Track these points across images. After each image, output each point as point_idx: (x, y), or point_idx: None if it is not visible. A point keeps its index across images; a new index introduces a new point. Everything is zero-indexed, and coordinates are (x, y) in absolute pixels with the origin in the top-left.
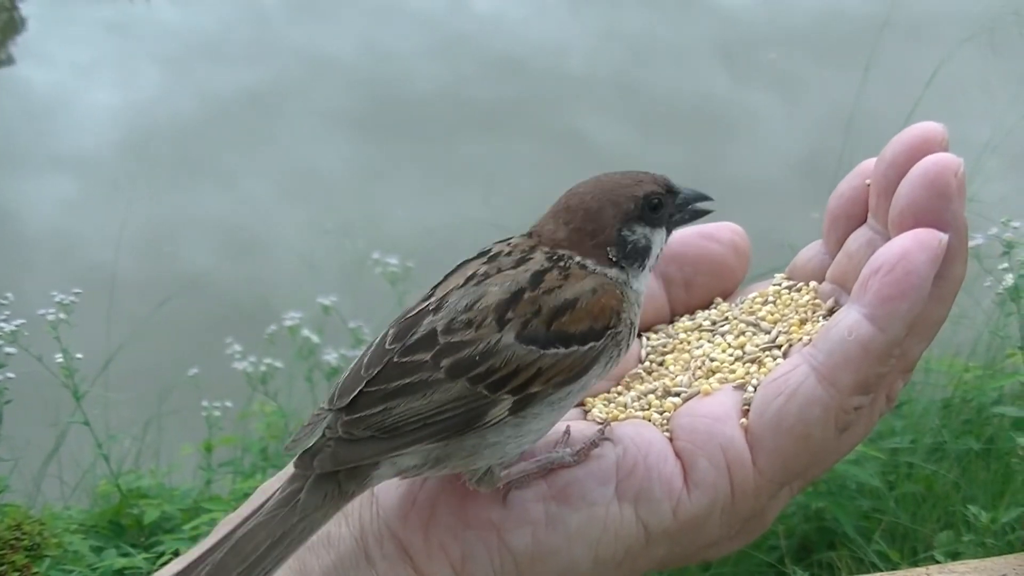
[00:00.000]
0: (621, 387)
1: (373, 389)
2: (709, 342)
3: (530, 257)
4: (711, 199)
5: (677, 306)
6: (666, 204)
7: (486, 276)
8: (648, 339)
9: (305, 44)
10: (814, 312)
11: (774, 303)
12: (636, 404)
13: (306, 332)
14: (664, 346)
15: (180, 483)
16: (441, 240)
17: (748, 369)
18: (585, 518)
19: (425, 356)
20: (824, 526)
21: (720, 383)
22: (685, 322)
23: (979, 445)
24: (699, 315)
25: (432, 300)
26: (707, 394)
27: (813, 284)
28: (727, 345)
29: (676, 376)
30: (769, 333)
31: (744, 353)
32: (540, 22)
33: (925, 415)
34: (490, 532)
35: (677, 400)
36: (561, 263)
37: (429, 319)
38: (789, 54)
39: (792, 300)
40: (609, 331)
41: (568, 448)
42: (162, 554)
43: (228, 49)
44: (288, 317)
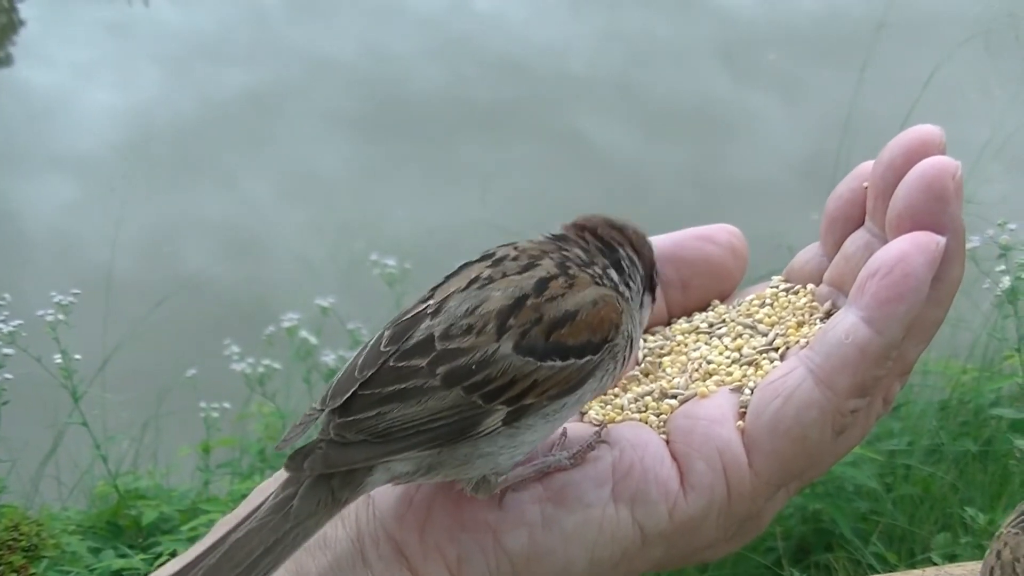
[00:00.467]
0: (618, 389)
1: (367, 392)
2: (706, 344)
3: (538, 263)
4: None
5: (674, 308)
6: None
7: (490, 280)
8: (645, 341)
9: (305, 44)
10: (811, 315)
11: (771, 305)
12: (633, 406)
13: (304, 333)
14: (661, 348)
15: (178, 484)
16: (441, 241)
17: (745, 371)
18: (581, 520)
19: (421, 362)
20: (821, 528)
21: (717, 385)
22: (682, 324)
23: (977, 447)
24: (696, 317)
25: (431, 303)
26: (704, 396)
27: (810, 287)
28: (724, 347)
29: (673, 378)
30: (766, 336)
31: (741, 355)
32: (540, 23)
33: (923, 417)
34: (486, 534)
35: (674, 402)
36: (570, 271)
37: (427, 323)
38: (789, 55)
39: (789, 303)
40: (607, 344)
41: (565, 451)
42: (160, 555)
43: (228, 49)
44: (286, 318)
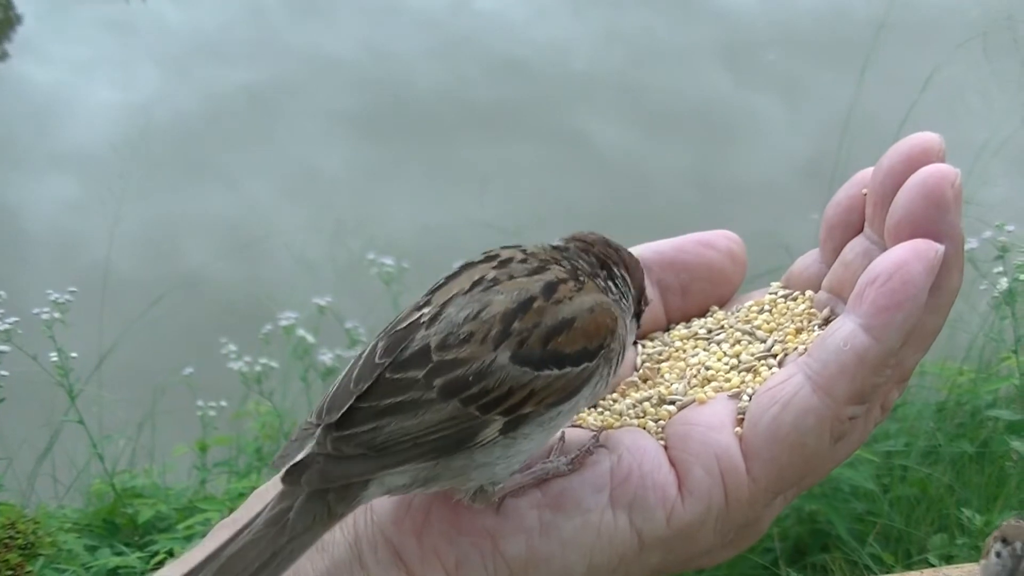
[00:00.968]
0: (616, 395)
1: (364, 405)
2: (705, 350)
3: (548, 267)
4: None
5: (673, 314)
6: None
7: (495, 282)
8: (644, 347)
9: (305, 44)
10: (810, 321)
11: (770, 312)
12: (631, 412)
13: (301, 332)
14: (660, 354)
15: (174, 483)
16: (439, 240)
17: (743, 378)
18: (579, 525)
19: (418, 374)
20: (818, 529)
21: (715, 392)
22: (681, 330)
23: (973, 448)
24: (695, 323)
25: (428, 309)
26: (702, 402)
27: (809, 293)
28: (723, 354)
29: (671, 384)
30: (765, 342)
31: (740, 362)
32: (541, 23)
33: (919, 418)
34: (484, 539)
35: (672, 408)
36: (581, 278)
37: (422, 333)
38: (790, 56)
39: (788, 309)
40: (603, 350)
41: (563, 456)
42: (156, 553)
43: (227, 48)
44: (283, 317)
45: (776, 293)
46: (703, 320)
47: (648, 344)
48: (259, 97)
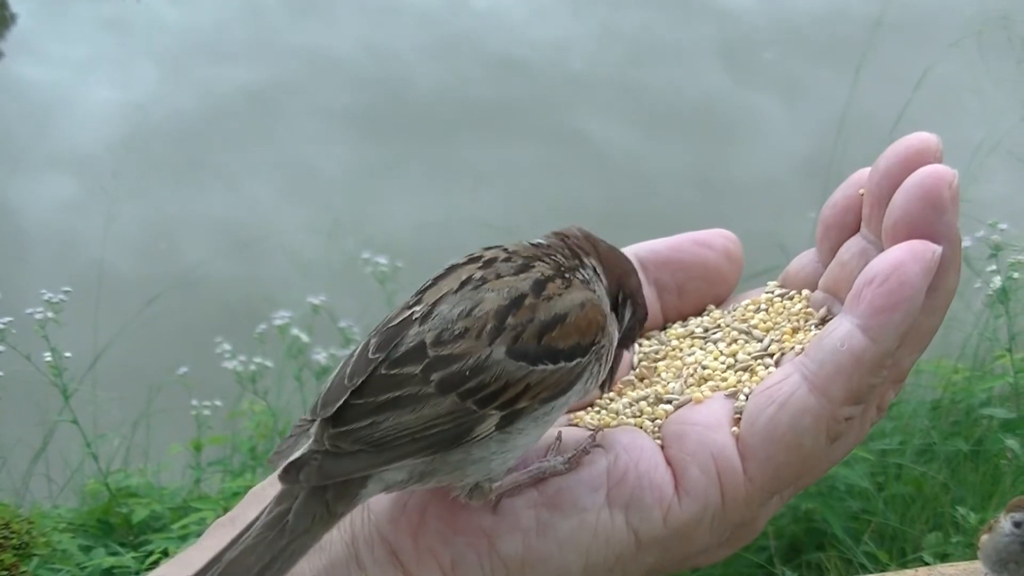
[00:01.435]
0: (613, 393)
1: (360, 401)
2: (701, 349)
3: (533, 265)
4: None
5: (669, 313)
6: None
7: (483, 281)
8: (640, 346)
9: (304, 43)
10: (806, 321)
11: (766, 311)
12: (628, 411)
13: (296, 331)
14: (656, 353)
15: (169, 482)
16: (438, 239)
17: (740, 377)
18: (576, 525)
19: (415, 369)
20: (813, 527)
21: (712, 391)
22: (677, 329)
23: (968, 447)
24: (691, 322)
25: (419, 308)
26: (699, 402)
27: (805, 292)
28: (719, 353)
29: (668, 383)
30: (761, 341)
31: (736, 361)
32: (540, 22)
33: (915, 417)
34: (480, 538)
35: (669, 407)
36: (566, 275)
37: (416, 329)
38: (788, 55)
39: (784, 308)
40: (594, 346)
41: (560, 456)
42: (151, 553)
43: (224, 47)
44: (278, 316)
45: (773, 292)
46: (699, 319)
47: (645, 343)
48: (257, 96)
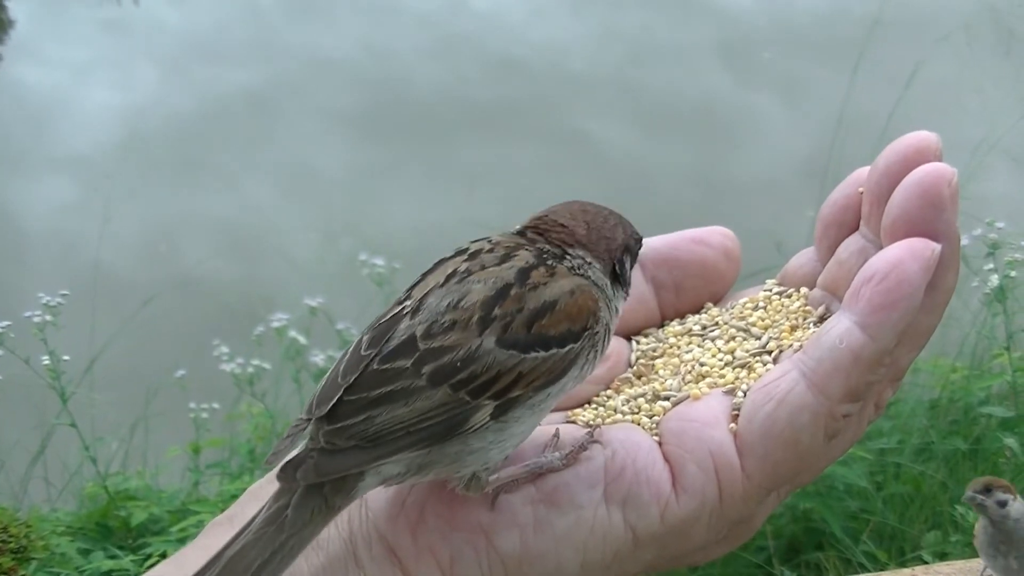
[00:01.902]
0: (611, 391)
1: (353, 397)
2: (699, 347)
3: (515, 254)
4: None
5: (667, 310)
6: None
7: (468, 273)
8: (638, 343)
9: (302, 43)
10: (805, 319)
11: (764, 309)
12: (625, 408)
13: (293, 333)
14: (654, 350)
15: (167, 485)
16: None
17: (738, 374)
18: (573, 521)
19: (406, 363)
20: (812, 527)
21: (710, 388)
22: (675, 327)
23: (966, 445)
24: (689, 320)
25: (408, 303)
26: (697, 399)
27: (804, 290)
28: (717, 350)
29: (666, 380)
30: (759, 339)
31: (734, 358)
32: (540, 22)
33: (913, 416)
34: (478, 535)
35: (667, 404)
36: (549, 262)
37: (406, 323)
38: (788, 54)
39: (783, 306)
40: (587, 332)
41: (557, 452)
42: (150, 556)
43: (224, 49)
44: (275, 318)
45: (771, 290)
46: (697, 317)
47: (642, 340)
48: (256, 98)
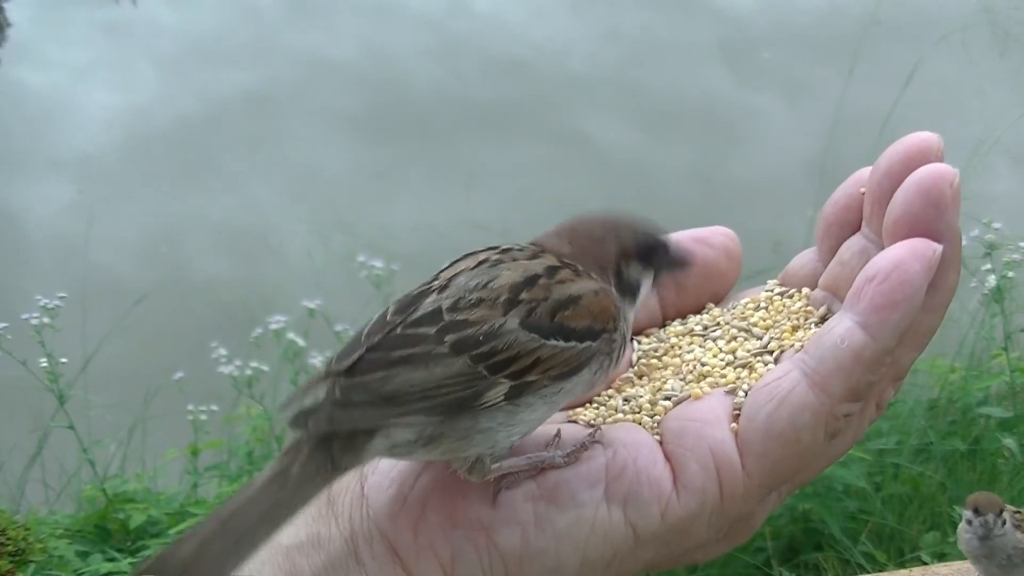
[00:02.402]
0: (612, 391)
1: (375, 356)
2: (700, 347)
3: (542, 255)
4: (692, 264)
5: (668, 310)
6: (659, 251)
7: (499, 262)
8: (639, 343)
9: (302, 45)
10: (806, 319)
11: (766, 309)
12: (626, 407)
13: (291, 335)
14: (655, 350)
15: (166, 487)
16: (438, 242)
17: (739, 374)
18: (574, 519)
19: (430, 330)
20: (811, 527)
21: (711, 387)
22: (676, 327)
23: (965, 446)
24: (691, 320)
25: (436, 283)
26: (698, 398)
27: (805, 291)
28: (718, 350)
29: (667, 380)
30: (761, 339)
31: (735, 358)
32: (541, 23)
33: (911, 416)
34: (479, 532)
35: (668, 404)
36: (572, 267)
37: (434, 297)
38: (789, 53)
39: (784, 306)
40: (605, 334)
41: (559, 450)
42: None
43: (223, 50)
44: (273, 320)
45: (772, 290)
46: (699, 317)
47: (644, 340)
48: (255, 99)
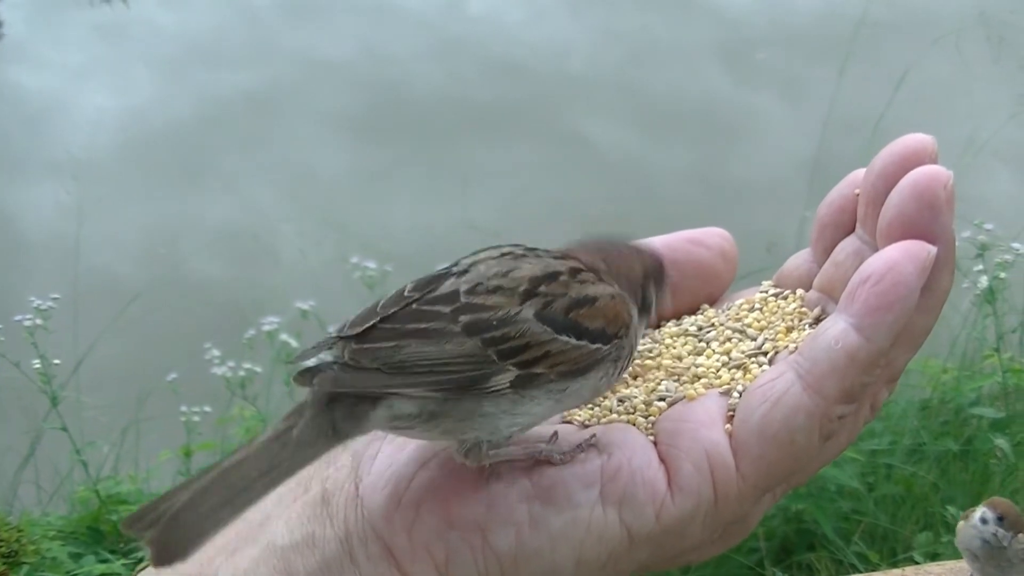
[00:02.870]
0: (607, 391)
1: (388, 326)
2: (695, 348)
3: (570, 259)
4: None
5: (663, 311)
6: (666, 275)
7: (524, 256)
8: None
9: (300, 46)
10: (800, 320)
11: (760, 310)
12: (621, 408)
13: (284, 336)
14: (650, 351)
15: (159, 489)
16: (436, 244)
17: (734, 375)
18: (569, 520)
19: (445, 309)
20: (804, 528)
21: (706, 388)
22: (671, 327)
23: (958, 446)
24: (685, 320)
25: (457, 267)
26: (692, 399)
27: (800, 292)
28: (713, 351)
29: (661, 381)
30: (755, 340)
31: (730, 359)
32: (539, 24)
33: (904, 417)
34: (474, 533)
35: (662, 405)
36: (595, 272)
37: (452, 280)
38: (789, 54)
39: (779, 307)
40: (617, 340)
41: (556, 448)
42: (141, 559)
43: (221, 52)
44: (266, 321)
45: (767, 292)
46: (693, 318)
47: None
48: (253, 101)
